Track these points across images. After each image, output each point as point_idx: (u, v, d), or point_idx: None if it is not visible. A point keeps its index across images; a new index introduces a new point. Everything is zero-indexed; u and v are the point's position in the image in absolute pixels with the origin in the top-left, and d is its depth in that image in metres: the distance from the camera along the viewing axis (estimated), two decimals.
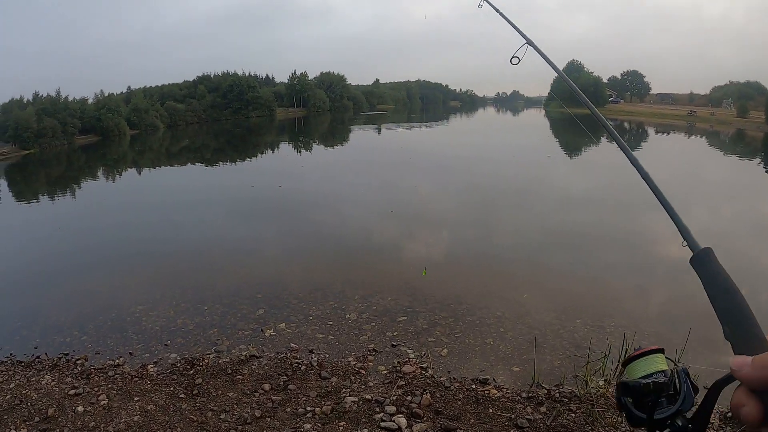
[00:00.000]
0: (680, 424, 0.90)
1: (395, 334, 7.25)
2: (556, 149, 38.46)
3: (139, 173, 33.64)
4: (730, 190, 20.03)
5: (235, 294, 9.04)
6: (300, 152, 41.36)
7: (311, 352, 6.69)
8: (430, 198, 18.57)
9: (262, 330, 7.43)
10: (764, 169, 30.02)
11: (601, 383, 5.61)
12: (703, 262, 1.03)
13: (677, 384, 0.95)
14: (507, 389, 5.69)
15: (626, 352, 5.79)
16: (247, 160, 37.70)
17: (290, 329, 7.46)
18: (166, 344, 7.11)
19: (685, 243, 1.16)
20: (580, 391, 5.44)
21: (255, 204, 18.58)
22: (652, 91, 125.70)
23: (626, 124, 70.37)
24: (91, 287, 10.06)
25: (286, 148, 45.71)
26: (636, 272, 10.54)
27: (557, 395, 5.47)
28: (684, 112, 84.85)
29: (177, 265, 11.49)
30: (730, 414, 5.22)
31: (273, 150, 44.10)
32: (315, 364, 6.22)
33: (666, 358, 0.99)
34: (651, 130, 59.48)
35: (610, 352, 6.04)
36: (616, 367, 5.84)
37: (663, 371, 0.97)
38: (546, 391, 5.57)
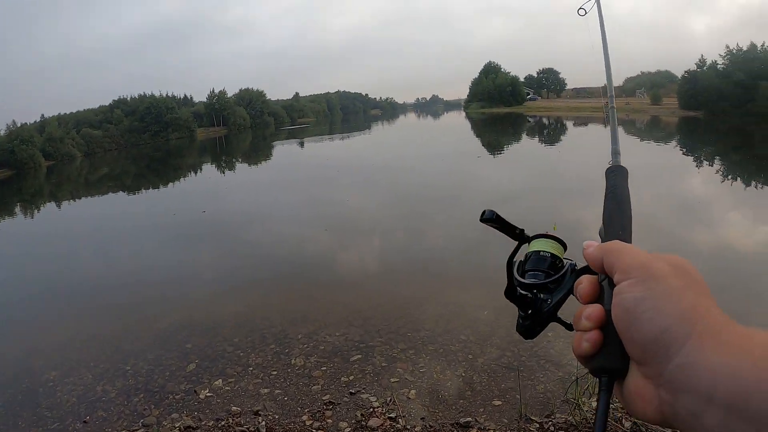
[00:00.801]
0: (542, 296, 0.85)
1: (351, 378, 6.29)
2: (480, 149, 38.38)
3: (58, 206, 31.38)
4: (647, 174, 20.26)
5: (162, 345, 7.77)
6: (224, 172, 40.10)
7: (257, 414, 5.63)
8: (363, 212, 17.52)
9: (195, 391, 6.23)
10: (681, 151, 31.05)
11: (594, 404, 4.99)
12: (614, 173, 1.05)
13: (565, 274, 0.86)
14: (494, 429, 5.08)
15: None
16: (170, 184, 36.18)
17: (228, 386, 6.32)
18: (84, 421, 5.86)
19: (611, 161, 1.16)
20: (575, 419, 4.87)
21: (177, 233, 16.92)
22: (568, 87, 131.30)
23: (546, 120, 72.06)
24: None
25: (209, 169, 44.30)
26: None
27: (551, 428, 4.88)
28: (600, 105, 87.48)
29: (93, 312, 10.07)
30: None
31: (195, 172, 42.58)
32: (263, 430, 5.22)
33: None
34: (569, 124, 60.82)
35: None
36: None
37: (555, 256, 0.89)
38: (538, 425, 4.97)
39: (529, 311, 0.85)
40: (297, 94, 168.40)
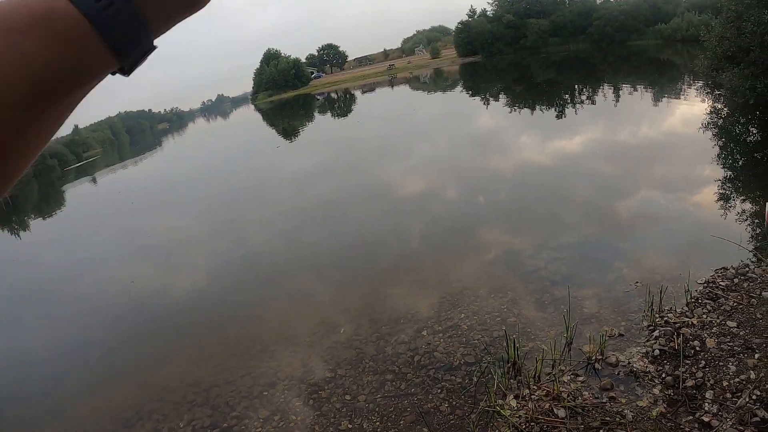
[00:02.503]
0: None
1: None
2: (279, 139, 38.20)
3: None
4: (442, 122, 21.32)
5: None
6: (18, 236, 36.87)
7: None
8: (179, 254, 16.49)
9: None
10: (467, 94, 32.88)
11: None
12: None
13: None
14: None
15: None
16: None
17: None
18: None
19: None
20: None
21: None
22: (349, 58, 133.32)
23: (334, 94, 73.00)
24: None
25: (2, 236, 40.49)
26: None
27: None
28: (384, 68, 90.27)
29: None
30: None
31: None
32: None
33: None
34: (358, 92, 62.14)
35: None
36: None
37: None
38: None
39: None
40: (76, 126, 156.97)
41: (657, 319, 6.17)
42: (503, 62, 53.48)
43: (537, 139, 18.36)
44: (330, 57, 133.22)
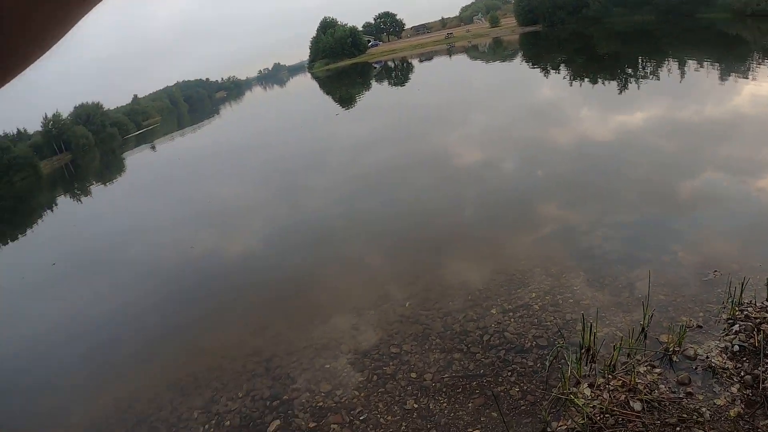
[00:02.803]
0: None
1: None
2: (336, 107, 38.10)
3: None
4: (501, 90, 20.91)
5: None
6: (80, 202, 37.83)
7: None
8: (240, 214, 16.85)
9: None
10: (527, 65, 32.11)
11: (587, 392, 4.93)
12: None
13: None
14: None
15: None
16: (29, 230, 33.80)
17: None
18: None
19: None
20: (578, 421, 4.60)
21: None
22: (407, 27, 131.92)
23: (391, 63, 72.51)
24: None
25: (64, 202, 41.58)
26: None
27: None
28: (442, 37, 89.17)
29: None
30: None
31: (52, 209, 39.90)
32: None
33: None
34: (415, 61, 61.59)
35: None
36: None
37: None
38: None
39: None
40: (136, 96, 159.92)
41: (737, 313, 5.85)
42: (565, 32, 52.03)
43: (598, 113, 17.80)
44: (387, 25, 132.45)
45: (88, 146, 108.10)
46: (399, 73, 54.29)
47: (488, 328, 6.27)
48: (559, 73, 26.87)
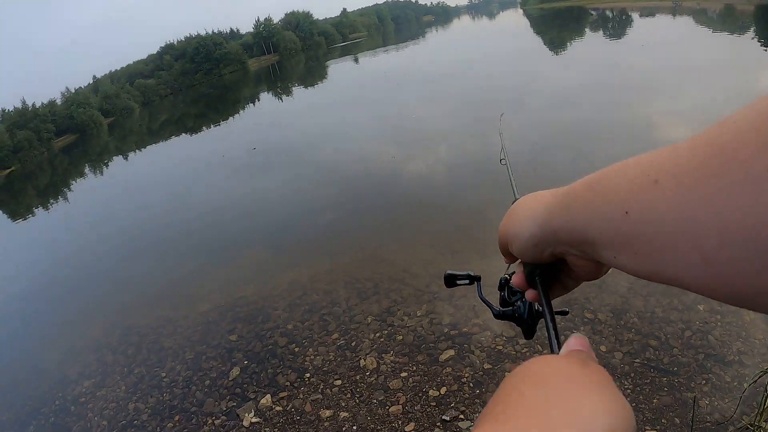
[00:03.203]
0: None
1: (443, 392, 4.69)
2: (545, 49, 36.43)
3: (126, 159, 31.72)
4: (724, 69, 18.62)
5: (203, 338, 6.55)
6: (281, 99, 39.40)
7: None
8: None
9: (237, 414, 4.96)
10: (759, 44, 28.53)
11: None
12: None
13: None
14: None
15: None
16: (230, 119, 35.89)
17: (279, 405, 4.95)
18: None
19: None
20: None
21: (229, 173, 16.38)
22: None
23: (609, 12, 68.47)
24: (39, 349, 7.90)
25: (266, 98, 43.59)
26: None
27: None
28: None
29: (135, 291, 9.23)
30: None
31: (254, 103, 41.98)
32: None
33: None
34: (635, 15, 57.55)
35: None
36: None
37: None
38: None
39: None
40: (345, 9, 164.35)
41: None
42: None
43: None
44: None
45: (295, 51, 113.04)
46: (616, 25, 50.97)
47: (692, 324, 5.29)
48: None
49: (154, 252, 11.24)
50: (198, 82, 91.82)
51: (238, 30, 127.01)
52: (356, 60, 59.19)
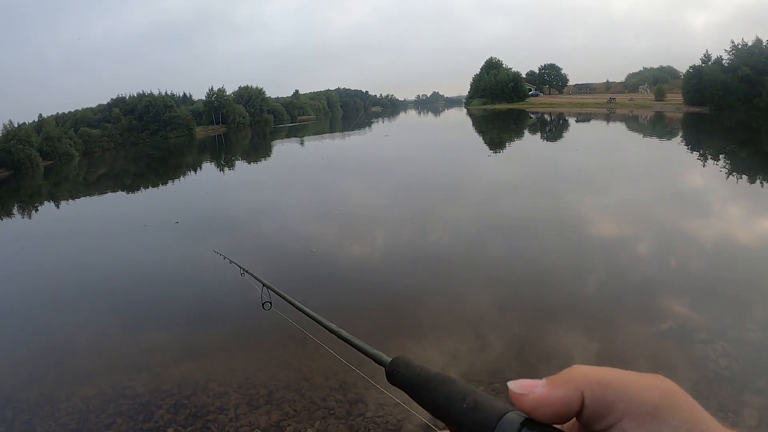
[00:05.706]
0: None
1: None
2: (485, 148, 37.73)
3: (57, 206, 31.07)
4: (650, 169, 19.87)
5: (78, 428, 6.25)
6: (223, 171, 39.57)
7: None
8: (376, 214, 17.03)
9: None
10: (686, 148, 30.44)
11: None
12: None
13: None
14: None
15: None
16: (170, 183, 35.74)
17: None
18: None
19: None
20: None
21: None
22: (570, 83, 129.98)
23: (547, 116, 71.43)
24: None
25: (208, 168, 43.65)
26: None
27: None
28: (603, 100, 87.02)
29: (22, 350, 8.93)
30: None
31: (195, 170, 41.95)
32: None
33: None
34: (572, 120, 60.34)
35: None
36: None
37: None
38: None
39: None
40: (297, 91, 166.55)
41: None
42: (731, 120, 48.51)
43: (745, 213, 16.01)
44: (550, 77, 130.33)
45: (243, 125, 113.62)
46: (554, 129, 53.25)
47: None
48: (717, 162, 24.80)
49: (56, 306, 11.11)
50: (143, 141, 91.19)
51: (190, 95, 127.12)
52: (302, 143, 59.88)
